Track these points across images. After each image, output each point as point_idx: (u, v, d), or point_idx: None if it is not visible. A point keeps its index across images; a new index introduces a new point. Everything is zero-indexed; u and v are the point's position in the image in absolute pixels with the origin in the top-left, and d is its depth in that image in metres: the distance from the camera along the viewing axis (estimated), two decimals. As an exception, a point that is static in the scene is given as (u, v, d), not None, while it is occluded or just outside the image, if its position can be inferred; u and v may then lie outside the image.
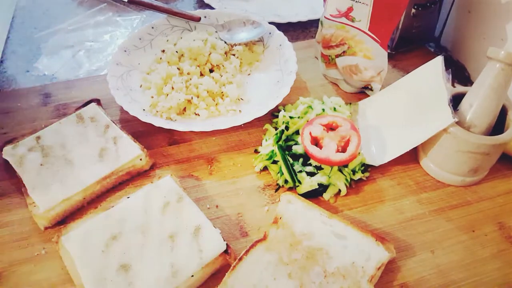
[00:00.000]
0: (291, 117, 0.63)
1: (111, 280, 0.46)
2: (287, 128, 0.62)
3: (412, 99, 0.61)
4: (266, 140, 0.63)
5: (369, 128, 0.64)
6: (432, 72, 0.60)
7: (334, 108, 0.64)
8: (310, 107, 0.64)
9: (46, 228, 0.53)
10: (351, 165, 0.58)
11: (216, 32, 0.77)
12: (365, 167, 0.60)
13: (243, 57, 0.74)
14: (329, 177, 0.57)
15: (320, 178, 0.57)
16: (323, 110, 0.63)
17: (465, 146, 0.53)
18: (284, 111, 0.65)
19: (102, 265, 0.47)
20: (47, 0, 0.94)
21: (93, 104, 0.65)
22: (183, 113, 0.67)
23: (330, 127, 0.60)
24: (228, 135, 0.65)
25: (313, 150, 0.56)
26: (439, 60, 0.59)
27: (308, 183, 0.56)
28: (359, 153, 0.59)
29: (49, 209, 0.53)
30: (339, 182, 0.56)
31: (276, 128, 0.63)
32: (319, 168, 0.58)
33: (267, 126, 0.65)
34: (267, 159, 0.60)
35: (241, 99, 0.68)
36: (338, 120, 0.59)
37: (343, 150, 0.57)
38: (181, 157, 0.62)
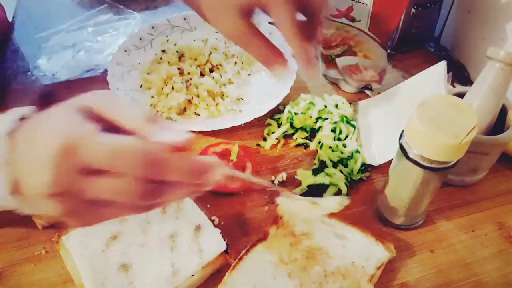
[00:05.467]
0: (295, 114, 0.63)
1: (111, 280, 0.46)
2: (291, 125, 0.63)
3: (413, 102, 0.61)
4: (267, 134, 0.63)
5: (369, 128, 0.64)
6: (435, 76, 0.60)
7: (336, 105, 0.64)
8: (311, 103, 0.64)
9: (44, 228, 0.53)
10: (351, 166, 0.58)
11: (216, 32, 0.77)
12: (365, 167, 0.60)
13: (243, 57, 0.74)
14: (331, 177, 0.57)
15: (321, 178, 0.57)
16: (325, 106, 0.63)
17: (465, 146, 0.53)
18: (291, 107, 0.65)
19: (103, 264, 0.47)
20: (47, 0, 0.94)
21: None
22: (183, 113, 0.67)
23: (224, 155, 0.61)
24: (228, 135, 0.65)
25: None
26: (442, 65, 0.60)
27: (311, 181, 0.56)
28: (358, 152, 0.59)
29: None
30: (340, 182, 0.57)
31: (278, 124, 0.64)
32: (320, 169, 0.58)
33: (269, 120, 0.65)
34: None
35: (241, 99, 0.68)
36: (231, 147, 0.60)
37: None
38: (181, 157, 0.62)
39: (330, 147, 0.59)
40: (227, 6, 0.45)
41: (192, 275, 0.47)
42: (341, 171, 0.57)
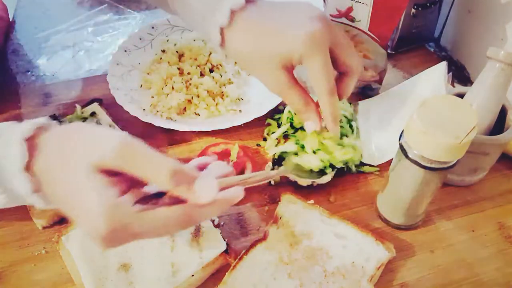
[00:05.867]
0: (295, 114, 0.63)
1: (111, 280, 0.46)
2: (291, 125, 0.63)
3: (413, 102, 0.61)
4: (267, 134, 0.63)
5: (369, 128, 0.64)
6: (435, 76, 0.60)
7: None
8: None
9: (44, 228, 0.53)
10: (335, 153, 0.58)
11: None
12: (363, 166, 0.60)
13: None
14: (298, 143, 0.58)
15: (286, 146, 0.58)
16: None
17: (465, 146, 0.53)
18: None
19: (102, 264, 0.47)
20: (47, 0, 0.94)
21: (95, 104, 0.65)
22: (183, 113, 0.67)
23: (224, 155, 0.61)
24: (228, 135, 0.65)
25: None
26: (442, 65, 0.60)
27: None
28: (355, 147, 0.59)
29: (46, 208, 0.53)
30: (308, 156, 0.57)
31: (278, 124, 0.64)
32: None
33: (269, 120, 0.65)
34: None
35: (241, 99, 0.68)
36: (231, 147, 0.60)
37: None
38: (181, 157, 0.62)
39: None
40: (270, 61, 0.47)
41: (192, 275, 0.47)
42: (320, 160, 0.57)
